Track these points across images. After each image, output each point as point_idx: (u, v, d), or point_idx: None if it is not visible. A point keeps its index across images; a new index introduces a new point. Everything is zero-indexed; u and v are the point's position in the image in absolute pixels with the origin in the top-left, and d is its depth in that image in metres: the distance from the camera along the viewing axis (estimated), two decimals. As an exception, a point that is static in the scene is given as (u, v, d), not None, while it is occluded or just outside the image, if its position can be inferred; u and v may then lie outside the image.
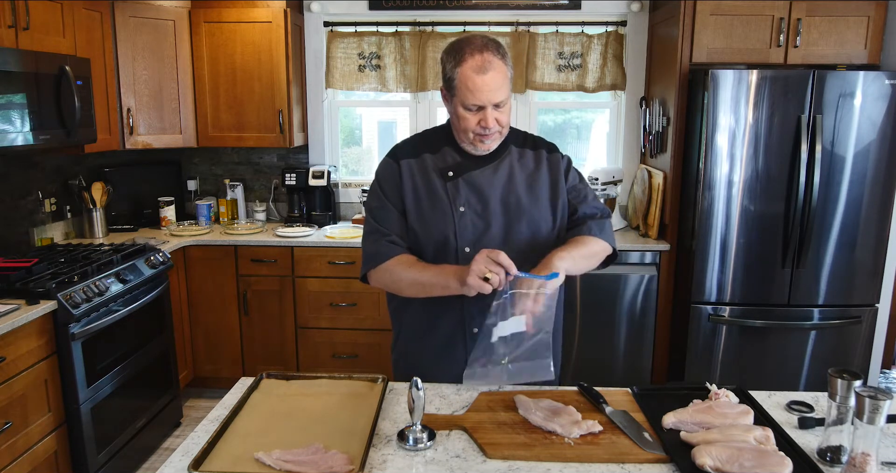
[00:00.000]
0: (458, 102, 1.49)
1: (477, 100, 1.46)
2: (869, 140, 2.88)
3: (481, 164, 1.58)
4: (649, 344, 3.31)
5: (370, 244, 1.59)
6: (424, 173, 1.59)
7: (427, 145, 1.63)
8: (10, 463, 2.13)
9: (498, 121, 1.50)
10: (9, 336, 2.11)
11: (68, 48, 2.77)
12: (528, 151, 1.64)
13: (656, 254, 3.23)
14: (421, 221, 1.58)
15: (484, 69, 1.44)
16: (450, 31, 3.67)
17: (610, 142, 3.88)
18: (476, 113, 1.48)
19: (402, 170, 1.59)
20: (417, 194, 1.58)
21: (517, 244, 1.56)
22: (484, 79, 1.44)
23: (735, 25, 3.03)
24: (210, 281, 3.41)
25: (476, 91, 1.45)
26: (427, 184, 1.58)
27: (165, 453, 2.97)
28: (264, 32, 3.44)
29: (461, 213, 1.55)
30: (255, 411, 1.38)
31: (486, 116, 1.47)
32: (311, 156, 3.93)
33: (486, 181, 1.57)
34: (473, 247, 1.53)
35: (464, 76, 1.45)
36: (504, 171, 1.59)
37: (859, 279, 3.01)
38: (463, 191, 1.56)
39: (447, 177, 1.57)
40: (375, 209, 1.61)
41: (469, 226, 1.55)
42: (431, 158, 1.60)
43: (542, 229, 1.59)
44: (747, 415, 1.31)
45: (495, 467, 1.19)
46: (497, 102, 1.47)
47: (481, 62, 1.44)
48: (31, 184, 3.07)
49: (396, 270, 1.53)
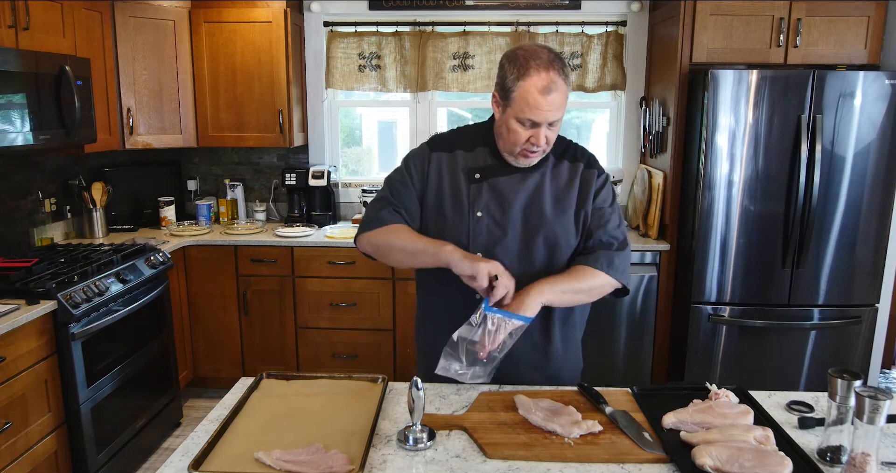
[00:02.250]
0: (513, 114, 1.45)
1: (535, 117, 1.42)
2: (869, 140, 2.88)
3: (511, 171, 1.54)
4: (649, 344, 3.31)
5: (375, 209, 1.59)
6: (452, 171, 1.57)
7: (463, 142, 1.60)
8: (10, 463, 2.13)
9: (548, 139, 1.46)
10: (9, 336, 2.11)
11: (68, 48, 2.77)
12: (564, 163, 1.57)
13: (656, 254, 3.23)
14: (438, 218, 1.57)
15: (549, 90, 1.40)
16: (450, 31, 3.67)
17: (610, 143, 3.88)
18: (529, 129, 1.45)
19: (431, 161, 1.58)
20: (441, 189, 1.56)
21: (532, 257, 1.53)
22: (548, 100, 1.40)
23: (735, 25, 3.03)
24: (210, 281, 3.41)
25: (537, 109, 1.41)
26: (452, 183, 1.56)
27: (165, 453, 2.97)
28: (264, 32, 3.44)
29: (478, 218, 1.53)
30: (255, 411, 1.38)
31: (539, 134, 1.44)
32: (311, 156, 3.93)
33: (510, 188, 1.53)
34: (486, 253, 1.52)
35: (525, 92, 1.40)
36: (533, 181, 1.54)
37: (859, 279, 3.01)
38: (484, 196, 1.53)
39: (473, 178, 1.55)
40: (396, 182, 1.60)
41: (484, 231, 1.53)
42: (464, 156, 1.57)
43: (562, 246, 1.54)
44: (747, 415, 1.31)
45: (495, 467, 1.19)
46: (552, 121, 1.45)
47: (547, 82, 1.40)
48: (31, 184, 3.07)
49: (392, 233, 1.53)
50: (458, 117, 4.02)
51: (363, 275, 3.32)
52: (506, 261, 1.49)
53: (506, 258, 1.51)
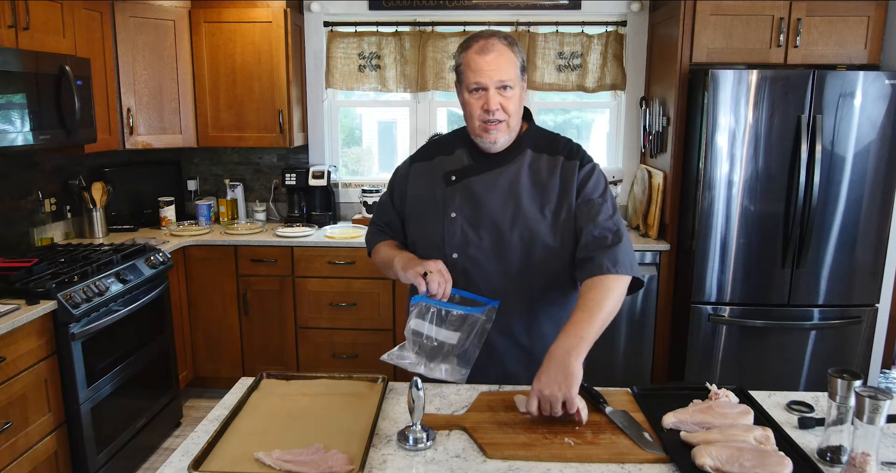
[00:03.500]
0: (465, 88, 1.49)
1: (478, 77, 1.45)
2: (869, 140, 2.88)
3: (487, 169, 1.55)
4: (649, 344, 3.31)
5: (367, 233, 1.78)
6: (431, 177, 1.60)
7: (442, 147, 1.63)
8: (10, 463, 2.13)
9: (503, 106, 1.46)
10: (9, 336, 2.11)
11: (68, 48, 2.77)
12: (544, 157, 1.55)
13: (656, 254, 3.23)
14: (418, 224, 1.61)
15: (486, 50, 1.45)
16: (450, 31, 3.67)
17: (610, 142, 3.88)
18: (480, 96, 1.47)
19: (410, 174, 1.64)
20: (419, 197, 1.60)
21: (508, 255, 1.52)
22: (486, 59, 1.45)
23: (735, 25, 3.03)
24: (210, 281, 3.41)
25: (478, 70, 1.45)
26: (429, 188, 1.59)
27: (165, 453, 2.97)
28: (264, 32, 3.44)
29: (452, 219, 1.54)
30: (255, 411, 1.38)
31: (489, 98, 1.45)
32: (311, 156, 3.93)
33: (484, 188, 1.54)
34: (461, 253, 1.53)
35: (468, 59, 1.48)
36: (507, 178, 1.53)
37: (859, 279, 3.01)
38: (458, 197, 1.55)
39: (449, 181, 1.56)
40: (381, 202, 1.75)
41: (458, 232, 1.54)
42: (443, 160, 1.60)
43: (538, 243, 1.50)
44: (747, 415, 1.31)
45: (495, 467, 1.19)
46: (500, 83, 1.45)
47: (484, 45, 1.46)
48: (31, 184, 3.07)
49: (376, 256, 1.69)
50: (458, 117, 4.02)
51: (363, 275, 3.32)
52: (481, 259, 1.52)
53: (481, 255, 1.53)
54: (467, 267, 1.53)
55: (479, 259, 1.53)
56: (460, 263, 1.53)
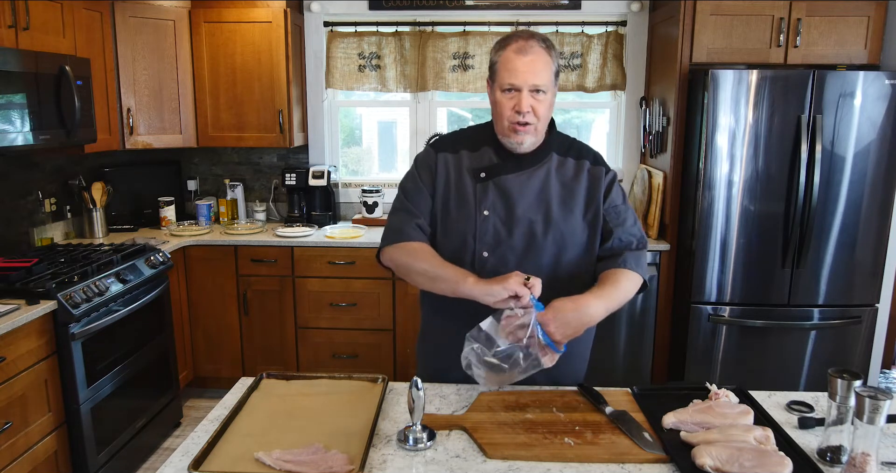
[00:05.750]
0: (497, 87, 1.48)
1: (513, 78, 1.44)
2: (869, 140, 2.88)
3: (517, 169, 1.54)
4: (649, 344, 3.31)
5: (397, 220, 1.58)
6: (458, 170, 1.57)
7: (467, 142, 1.60)
8: (10, 463, 2.13)
9: (534, 109, 1.46)
10: (9, 336, 2.11)
11: (68, 48, 2.77)
12: (569, 160, 1.57)
13: (656, 254, 3.23)
14: (444, 218, 1.57)
15: (524, 51, 1.44)
16: (450, 31, 3.67)
17: (610, 142, 3.88)
18: (512, 97, 1.46)
19: (438, 162, 1.58)
20: (448, 189, 1.57)
21: (539, 255, 1.52)
22: (523, 61, 1.44)
23: (735, 25, 3.03)
24: (210, 281, 3.41)
25: (514, 70, 1.44)
26: (458, 182, 1.56)
27: (165, 453, 2.97)
28: (264, 32, 3.44)
29: (485, 217, 1.52)
30: (255, 411, 1.38)
31: (521, 99, 1.44)
32: (311, 156, 3.93)
33: (516, 187, 1.53)
34: (492, 253, 1.52)
35: (504, 58, 1.46)
36: (538, 180, 1.54)
37: (859, 279, 3.01)
38: (491, 195, 1.53)
39: (479, 178, 1.54)
40: (410, 190, 1.60)
41: (490, 230, 1.52)
42: (468, 156, 1.58)
43: (569, 245, 1.53)
44: (747, 415, 1.31)
45: (495, 467, 1.19)
46: (534, 86, 1.44)
47: (523, 45, 1.45)
48: (31, 184, 3.07)
49: (415, 254, 1.51)
50: (458, 117, 4.02)
51: (363, 275, 3.32)
52: (512, 259, 1.50)
53: (512, 256, 1.51)
54: (497, 266, 1.52)
55: (509, 259, 1.51)
56: (490, 262, 1.52)
